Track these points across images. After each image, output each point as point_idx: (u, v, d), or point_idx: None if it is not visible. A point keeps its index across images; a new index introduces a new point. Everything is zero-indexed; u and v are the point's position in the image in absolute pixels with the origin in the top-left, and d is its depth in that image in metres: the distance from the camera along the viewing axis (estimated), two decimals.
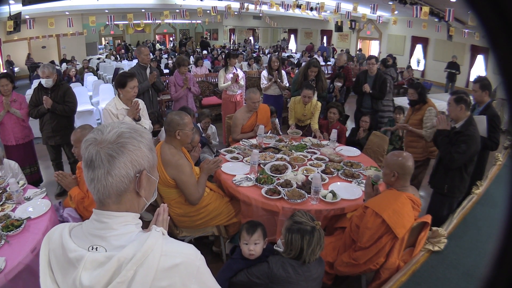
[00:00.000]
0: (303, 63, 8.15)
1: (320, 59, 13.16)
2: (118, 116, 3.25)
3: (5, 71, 12.33)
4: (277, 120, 4.68)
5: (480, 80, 3.51)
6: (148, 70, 4.56)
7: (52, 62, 11.68)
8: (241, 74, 5.53)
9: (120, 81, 3.27)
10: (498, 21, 0.53)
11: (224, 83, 5.41)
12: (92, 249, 0.85)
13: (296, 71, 7.31)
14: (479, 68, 12.39)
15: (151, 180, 0.96)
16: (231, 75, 5.36)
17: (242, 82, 5.50)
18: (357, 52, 15.77)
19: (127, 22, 13.44)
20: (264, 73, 5.51)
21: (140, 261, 0.81)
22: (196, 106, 5.70)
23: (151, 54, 7.96)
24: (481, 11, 0.56)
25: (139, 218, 0.96)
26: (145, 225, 0.93)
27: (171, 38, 24.97)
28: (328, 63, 13.23)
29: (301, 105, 4.27)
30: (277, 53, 15.32)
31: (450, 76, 11.74)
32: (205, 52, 14.89)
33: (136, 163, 0.89)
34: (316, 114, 4.29)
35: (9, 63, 12.93)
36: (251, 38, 25.18)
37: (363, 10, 11.54)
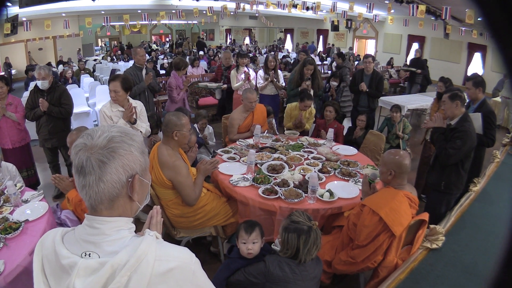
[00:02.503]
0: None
1: (316, 59, 13.18)
2: (112, 117, 3.21)
3: (2, 73, 12.28)
4: (274, 120, 4.68)
5: (473, 77, 3.54)
6: (144, 71, 4.55)
7: (49, 64, 11.64)
8: (252, 74, 5.51)
9: (108, 81, 3.27)
10: (505, 19, 0.52)
11: (236, 84, 5.43)
12: (85, 255, 0.84)
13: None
14: (476, 66, 12.43)
15: (144, 183, 0.94)
16: (242, 75, 5.37)
17: (254, 82, 5.48)
18: (349, 51, 15.85)
19: (123, 23, 13.45)
20: (261, 72, 5.51)
21: (133, 267, 0.80)
22: (193, 106, 5.68)
23: (147, 55, 7.94)
24: (488, 9, 0.55)
25: (136, 219, 0.95)
26: (142, 226, 0.92)
27: (167, 39, 24.94)
28: (325, 62, 13.24)
29: (298, 112, 4.32)
30: (273, 52, 15.33)
31: (412, 77, 8.34)
32: (201, 52, 14.84)
33: (128, 167, 0.87)
34: (310, 119, 4.41)
35: (7, 65, 12.87)
36: (247, 38, 25.19)
37: (359, 9, 11.56)
